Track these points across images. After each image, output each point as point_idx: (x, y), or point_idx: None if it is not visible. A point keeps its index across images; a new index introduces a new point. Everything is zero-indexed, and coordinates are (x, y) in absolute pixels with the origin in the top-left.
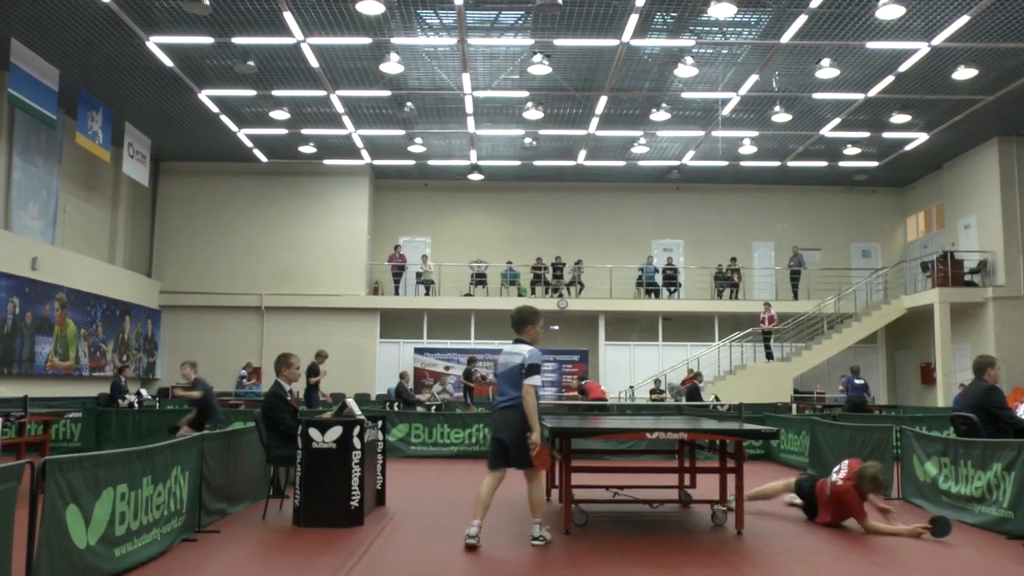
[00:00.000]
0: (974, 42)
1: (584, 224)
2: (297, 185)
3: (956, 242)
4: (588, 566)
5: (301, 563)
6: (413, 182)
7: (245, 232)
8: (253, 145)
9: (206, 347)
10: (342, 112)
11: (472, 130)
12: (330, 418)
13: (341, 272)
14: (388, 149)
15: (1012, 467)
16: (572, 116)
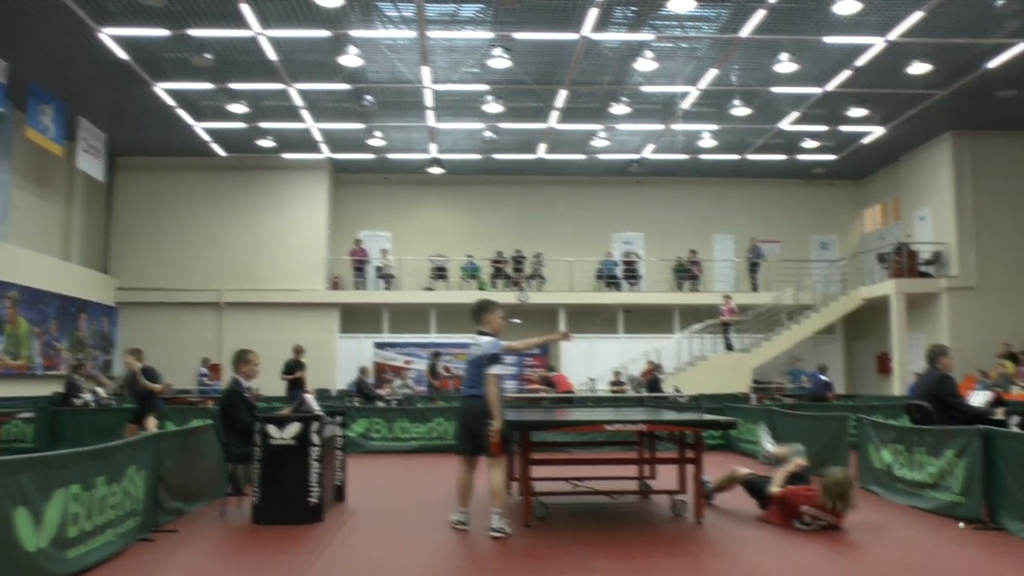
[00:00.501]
0: (928, 37)
1: (545, 217)
2: (256, 179)
3: (912, 234)
4: (549, 559)
5: (260, 562)
6: (373, 176)
7: (203, 227)
8: (211, 139)
9: (164, 344)
10: (301, 106)
11: (432, 124)
12: (288, 414)
13: (300, 267)
14: (348, 143)
15: (963, 453)
16: (532, 110)
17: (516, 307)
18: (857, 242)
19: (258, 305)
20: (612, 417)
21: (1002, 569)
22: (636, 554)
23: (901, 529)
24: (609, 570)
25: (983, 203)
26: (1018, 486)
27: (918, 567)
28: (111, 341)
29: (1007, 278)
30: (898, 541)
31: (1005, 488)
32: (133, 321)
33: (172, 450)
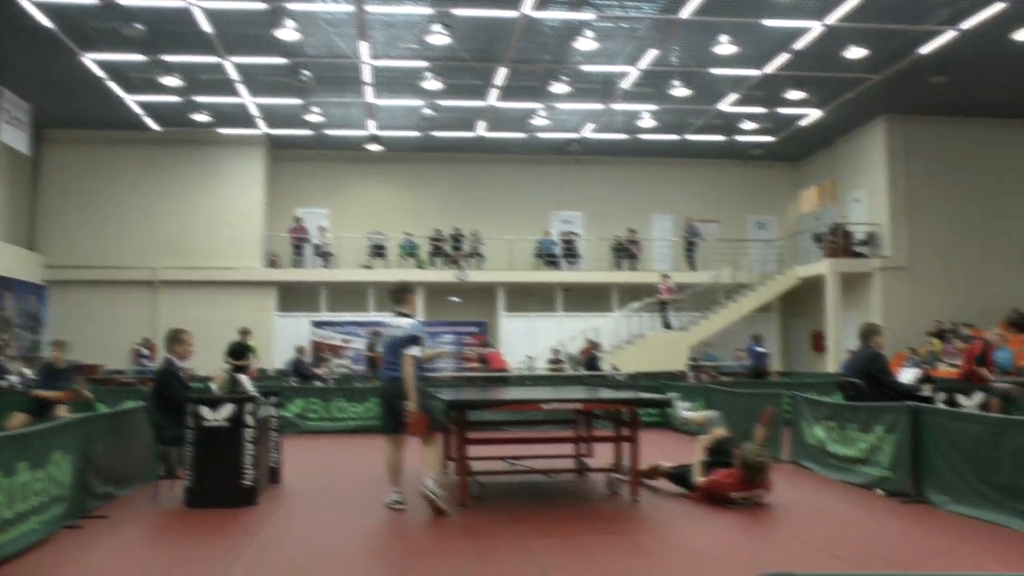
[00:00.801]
0: (865, 22)
1: (484, 196)
2: (191, 154)
3: (847, 215)
4: (485, 538)
5: (192, 546)
6: (311, 152)
7: (136, 203)
8: (143, 112)
9: (97, 323)
10: (237, 80)
11: (370, 100)
12: (221, 395)
13: (237, 244)
14: (285, 118)
15: (893, 429)
16: (472, 87)
17: (455, 285)
18: (794, 223)
19: (194, 283)
20: (550, 396)
21: (926, 540)
22: (571, 532)
23: (832, 503)
24: (544, 549)
25: (915, 186)
26: (943, 460)
27: (847, 539)
28: (39, 320)
29: (937, 259)
30: (829, 515)
31: (931, 463)
32: (63, 300)
33: (102, 433)
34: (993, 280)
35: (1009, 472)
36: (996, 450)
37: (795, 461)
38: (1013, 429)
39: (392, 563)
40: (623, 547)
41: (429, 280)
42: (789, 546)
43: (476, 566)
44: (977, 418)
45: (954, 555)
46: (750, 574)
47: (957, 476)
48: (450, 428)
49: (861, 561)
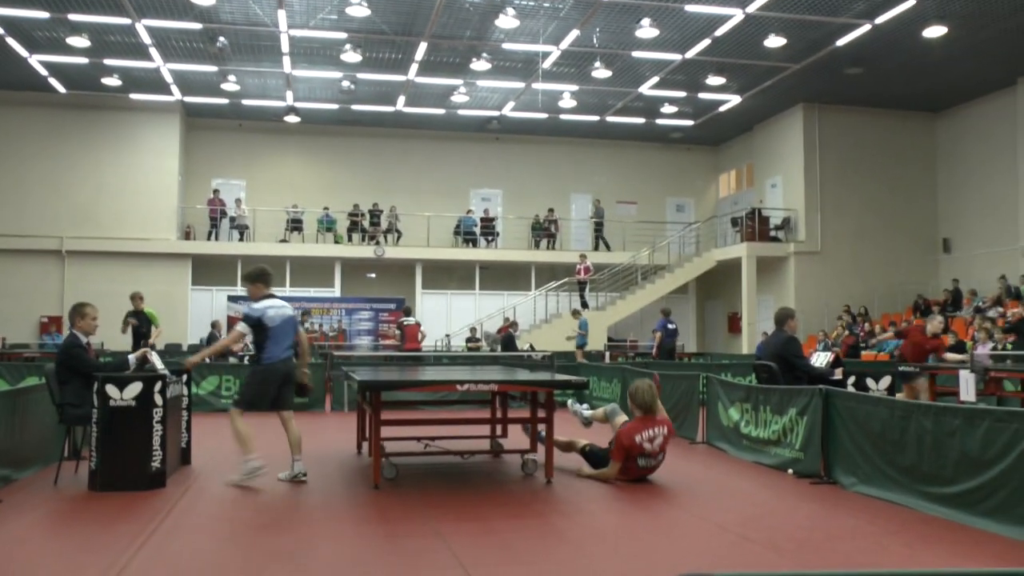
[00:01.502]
0: (784, 12)
1: (403, 172)
2: (101, 120)
3: (764, 200)
4: (397, 522)
5: (95, 532)
6: (227, 122)
7: (42, 169)
8: (48, 74)
9: (1, 293)
10: (149, 43)
11: (288, 70)
12: (129, 373)
13: (150, 215)
14: (200, 86)
15: (805, 412)
16: (391, 61)
17: (372, 261)
18: (712, 206)
19: (104, 254)
20: (466, 377)
21: (833, 520)
22: (486, 516)
23: (745, 485)
24: (459, 533)
25: (829, 173)
26: (851, 443)
27: (758, 521)
28: None
29: (848, 244)
30: (741, 497)
31: (840, 445)
32: None
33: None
34: (901, 267)
35: (913, 455)
36: (902, 433)
37: (709, 442)
38: (918, 413)
39: (299, 547)
40: (538, 531)
41: (346, 256)
42: (702, 528)
43: (387, 552)
44: (884, 402)
45: (861, 536)
46: (665, 557)
47: (864, 458)
48: (364, 408)
49: (772, 543)
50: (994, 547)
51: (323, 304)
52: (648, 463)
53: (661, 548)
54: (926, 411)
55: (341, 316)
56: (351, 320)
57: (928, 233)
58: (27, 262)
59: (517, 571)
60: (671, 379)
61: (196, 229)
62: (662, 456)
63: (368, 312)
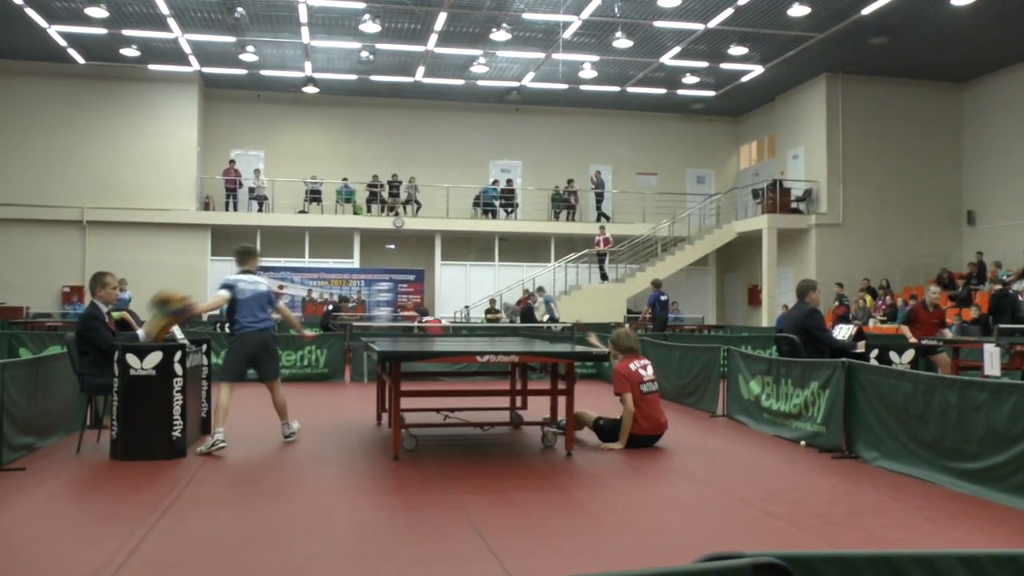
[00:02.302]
0: None
1: (422, 143)
2: (120, 91)
3: (785, 171)
4: (416, 493)
5: (116, 500)
6: (245, 93)
7: (63, 140)
8: (67, 44)
9: (22, 264)
10: (167, 14)
11: (307, 41)
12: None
13: (170, 186)
14: (218, 56)
15: (827, 385)
16: (411, 31)
17: (391, 232)
18: (733, 177)
19: (125, 224)
20: (486, 348)
21: (855, 495)
22: (505, 488)
23: (766, 458)
24: (478, 505)
25: (851, 144)
26: (874, 416)
27: (779, 495)
28: None
29: (870, 216)
30: (762, 471)
31: (862, 418)
32: None
33: (21, 380)
34: (924, 239)
35: (937, 429)
36: (925, 407)
37: (729, 415)
38: (942, 387)
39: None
40: (558, 503)
41: (365, 227)
42: (723, 502)
43: (406, 523)
44: (908, 376)
45: (884, 511)
46: (686, 531)
47: (887, 432)
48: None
49: (794, 518)
50: (1021, 524)
51: (342, 275)
52: (650, 388)
53: (681, 522)
54: (951, 385)
55: (360, 287)
56: (370, 291)
57: (952, 205)
58: (49, 232)
59: (537, 543)
60: (691, 351)
61: (215, 200)
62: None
63: (387, 283)
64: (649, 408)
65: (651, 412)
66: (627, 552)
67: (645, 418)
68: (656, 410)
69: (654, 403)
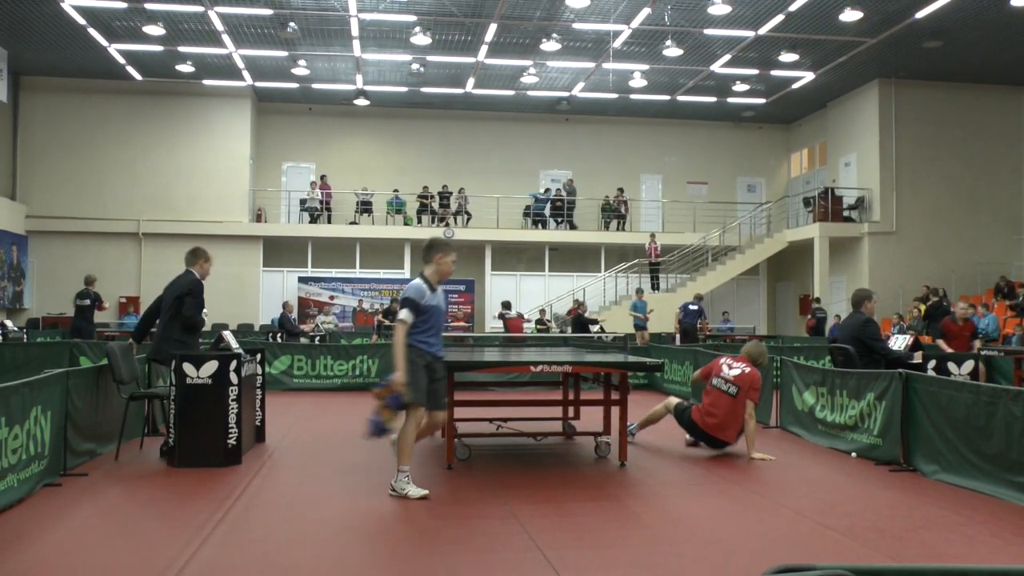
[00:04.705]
0: None
1: (472, 153)
2: (175, 106)
3: (837, 179)
4: (470, 503)
5: (175, 505)
6: (297, 106)
7: (120, 154)
8: (126, 62)
9: (80, 274)
10: (222, 30)
11: (358, 54)
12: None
13: (223, 198)
14: (271, 71)
15: (883, 397)
16: (461, 43)
17: None
18: (783, 186)
19: (179, 236)
20: (539, 358)
21: (915, 509)
22: (559, 498)
23: (821, 470)
24: (533, 515)
25: (905, 151)
26: (933, 428)
27: (836, 508)
28: (22, 271)
29: (924, 224)
30: (818, 483)
31: (920, 430)
32: (46, 251)
33: (83, 389)
34: (981, 247)
35: (1000, 442)
36: (988, 419)
37: (783, 427)
38: (1005, 398)
39: (373, 525)
40: (614, 514)
41: (416, 237)
42: (779, 514)
43: (462, 533)
44: (968, 387)
45: (946, 526)
46: (743, 543)
47: (947, 445)
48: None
49: (853, 531)
50: None
51: (392, 285)
52: (720, 385)
53: (738, 533)
54: (1015, 397)
55: None
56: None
57: (1011, 212)
58: (107, 245)
59: (593, 554)
60: None
61: (267, 211)
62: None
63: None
64: (710, 403)
65: (709, 407)
66: (685, 564)
67: (702, 409)
68: (716, 408)
69: (717, 402)
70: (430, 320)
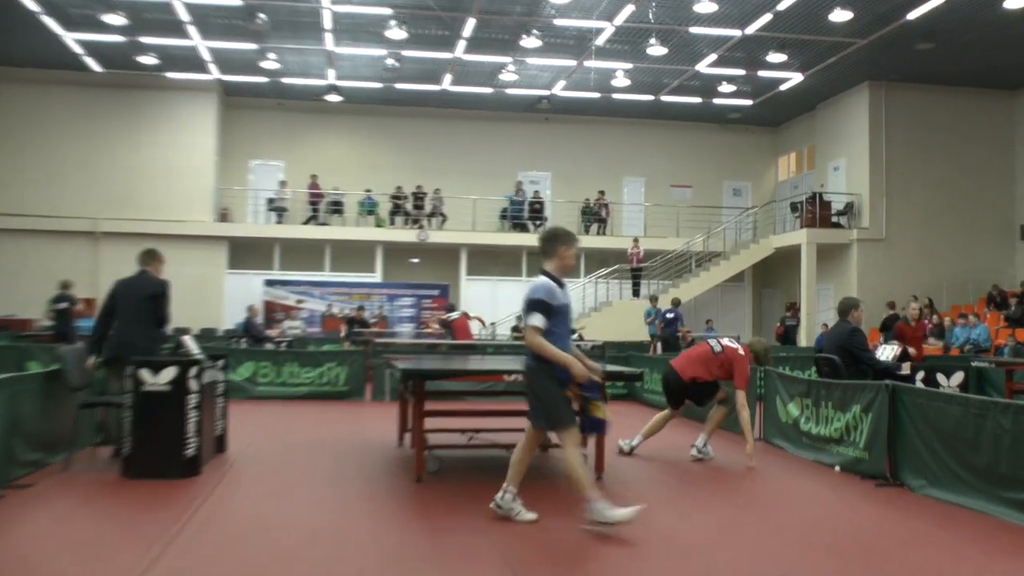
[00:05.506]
0: None
1: (448, 153)
2: (137, 100)
3: (825, 183)
4: (441, 517)
5: (127, 519)
6: (266, 101)
7: (76, 148)
8: (84, 52)
9: (33, 274)
10: (187, 20)
11: (330, 48)
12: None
13: (186, 196)
14: (239, 64)
15: (869, 409)
16: (438, 38)
17: (415, 246)
18: (770, 190)
19: (139, 236)
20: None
21: (902, 525)
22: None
23: (805, 485)
24: (503, 530)
25: (896, 155)
26: (921, 442)
27: (820, 523)
28: None
29: (916, 231)
30: (801, 497)
31: (908, 444)
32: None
33: (30, 395)
34: (973, 255)
35: (989, 456)
36: (977, 432)
37: (766, 439)
38: (994, 411)
39: (339, 541)
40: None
41: (389, 240)
42: (761, 529)
43: (431, 548)
44: (957, 399)
45: (933, 542)
46: (723, 559)
47: (935, 459)
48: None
49: (837, 547)
50: None
51: (363, 290)
52: (708, 340)
53: (719, 549)
54: (1005, 409)
55: (383, 302)
56: (392, 306)
57: (1004, 219)
58: (60, 244)
59: (568, 571)
60: None
61: (233, 211)
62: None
63: (410, 298)
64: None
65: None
66: None
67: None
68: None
69: (699, 351)
70: (559, 323)
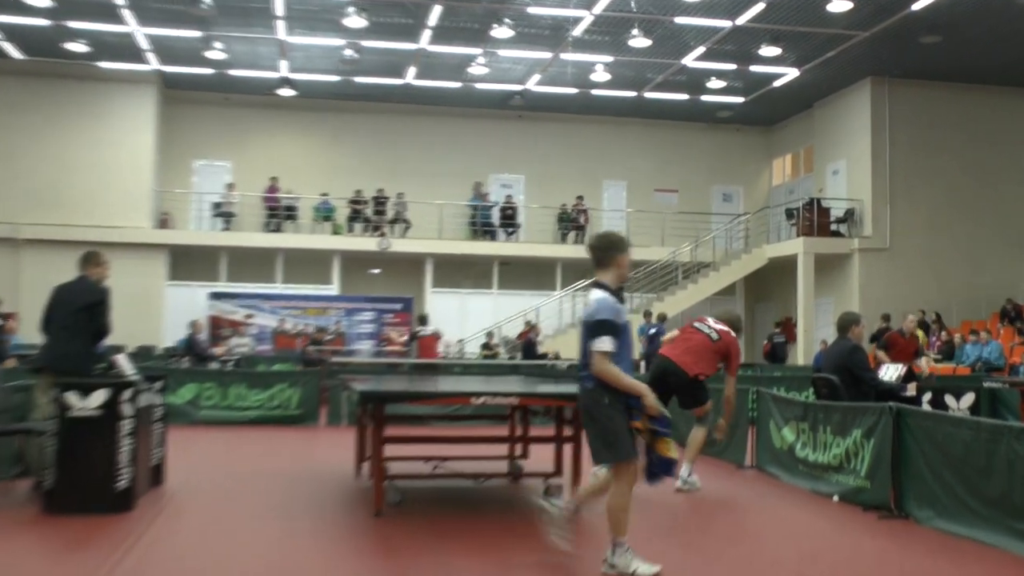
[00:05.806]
0: None
1: (412, 154)
2: (65, 91)
3: (824, 188)
4: (401, 556)
5: (50, 560)
6: (212, 95)
7: None
8: (3, 37)
9: None
10: (122, 4)
11: (283, 37)
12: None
13: (121, 200)
14: (181, 54)
15: (871, 433)
16: (401, 27)
17: (376, 255)
18: (764, 195)
19: (67, 243)
20: (482, 388)
21: (907, 560)
22: (503, 547)
23: (801, 516)
24: (471, 569)
25: (901, 158)
26: (928, 470)
27: (818, 558)
28: None
29: (922, 240)
30: (798, 529)
31: (914, 472)
32: None
33: None
34: (985, 265)
35: (1002, 484)
36: (989, 459)
37: (759, 467)
38: (1008, 436)
39: None
40: (564, 568)
41: (347, 248)
42: (754, 564)
43: None
44: (968, 423)
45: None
46: None
47: (943, 488)
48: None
49: None
50: None
51: (319, 303)
52: (701, 327)
53: None
54: (1020, 434)
55: (340, 317)
56: (351, 322)
57: (1017, 227)
58: None
59: None
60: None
61: (174, 217)
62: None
63: (370, 313)
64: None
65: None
66: None
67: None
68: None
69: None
70: (623, 344)
